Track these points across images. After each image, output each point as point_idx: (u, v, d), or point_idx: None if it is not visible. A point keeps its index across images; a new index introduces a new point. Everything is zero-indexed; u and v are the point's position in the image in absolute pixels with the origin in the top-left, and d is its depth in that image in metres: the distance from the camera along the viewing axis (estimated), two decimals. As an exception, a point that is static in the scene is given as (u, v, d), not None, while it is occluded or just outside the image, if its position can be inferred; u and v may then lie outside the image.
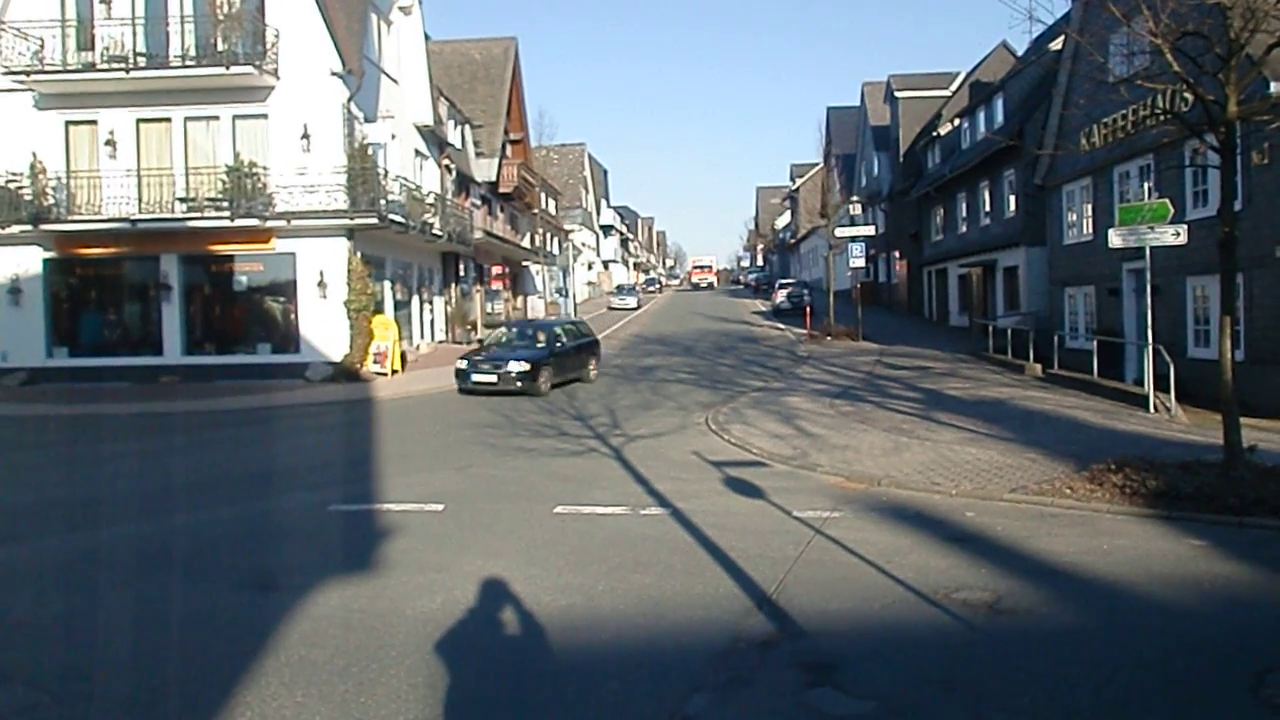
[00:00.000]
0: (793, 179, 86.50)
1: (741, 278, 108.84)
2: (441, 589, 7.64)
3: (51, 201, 24.61)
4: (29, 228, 24.32)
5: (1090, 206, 24.83)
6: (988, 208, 34.79)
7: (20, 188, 24.45)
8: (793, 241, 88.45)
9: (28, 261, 25.50)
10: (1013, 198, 32.05)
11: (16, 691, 5.88)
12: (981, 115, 35.80)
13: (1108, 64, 14.44)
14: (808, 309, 40.20)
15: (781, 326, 42.15)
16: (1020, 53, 39.93)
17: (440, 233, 30.67)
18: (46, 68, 24.21)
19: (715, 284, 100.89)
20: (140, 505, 11.42)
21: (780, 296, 50.67)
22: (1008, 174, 32.17)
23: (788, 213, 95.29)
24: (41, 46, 24.27)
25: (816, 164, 67.07)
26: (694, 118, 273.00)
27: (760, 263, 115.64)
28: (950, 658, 6.36)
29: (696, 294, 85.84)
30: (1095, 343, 21.66)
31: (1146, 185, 21.71)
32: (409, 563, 8.43)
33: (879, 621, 7.02)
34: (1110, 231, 17.78)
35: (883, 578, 7.93)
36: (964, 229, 37.84)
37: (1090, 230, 24.70)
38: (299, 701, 5.62)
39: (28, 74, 24.07)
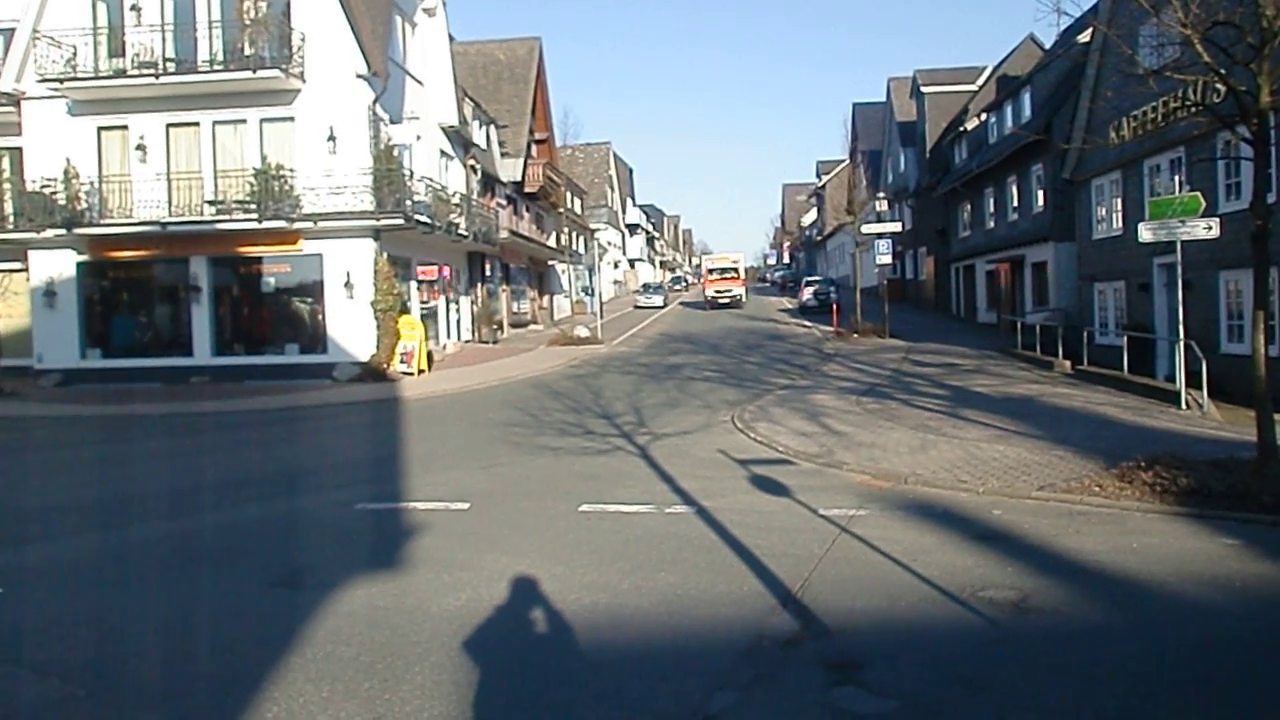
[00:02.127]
0: (819, 176, 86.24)
1: (768, 275, 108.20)
2: (466, 587, 7.67)
3: (85, 206, 24.98)
4: (63, 232, 24.68)
5: (1120, 200, 24.59)
6: (1015, 203, 34.52)
7: (54, 193, 24.83)
8: (819, 239, 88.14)
9: (62, 265, 25.86)
10: (1041, 192, 31.78)
11: (51, 685, 5.99)
12: (1009, 109, 35.53)
13: (1136, 56, 14.22)
14: (834, 306, 40.09)
15: (808, 324, 41.99)
16: (1047, 46, 39.57)
17: (466, 233, 30.79)
18: (79, 75, 24.56)
19: (744, 297, 57.85)
20: (171, 504, 11.56)
21: (806, 294, 50.52)
22: (1036, 169, 31.90)
23: (814, 210, 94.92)
24: (74, 54, 24.63)
25: (843, 160, 66.69)
26: (720, 116, 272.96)
27: (786, 260, 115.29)
28: (976, 656, 6.31)
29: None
30: (1125, 338, 21.44)
31: (1177, 178, 21.46)
32: (434, 561, 8.47)
33: (904, 620, 6.98)
34: (1140, 225, 17.58)
35: (908, 576, 7.88)
36: (992, 225, 37.57)
37: (1120, 225, 24.46)
38: (325, 697, 5.66)
39: (61, 81, 24.45)
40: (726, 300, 55.44)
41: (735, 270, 57.92)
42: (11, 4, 25.84)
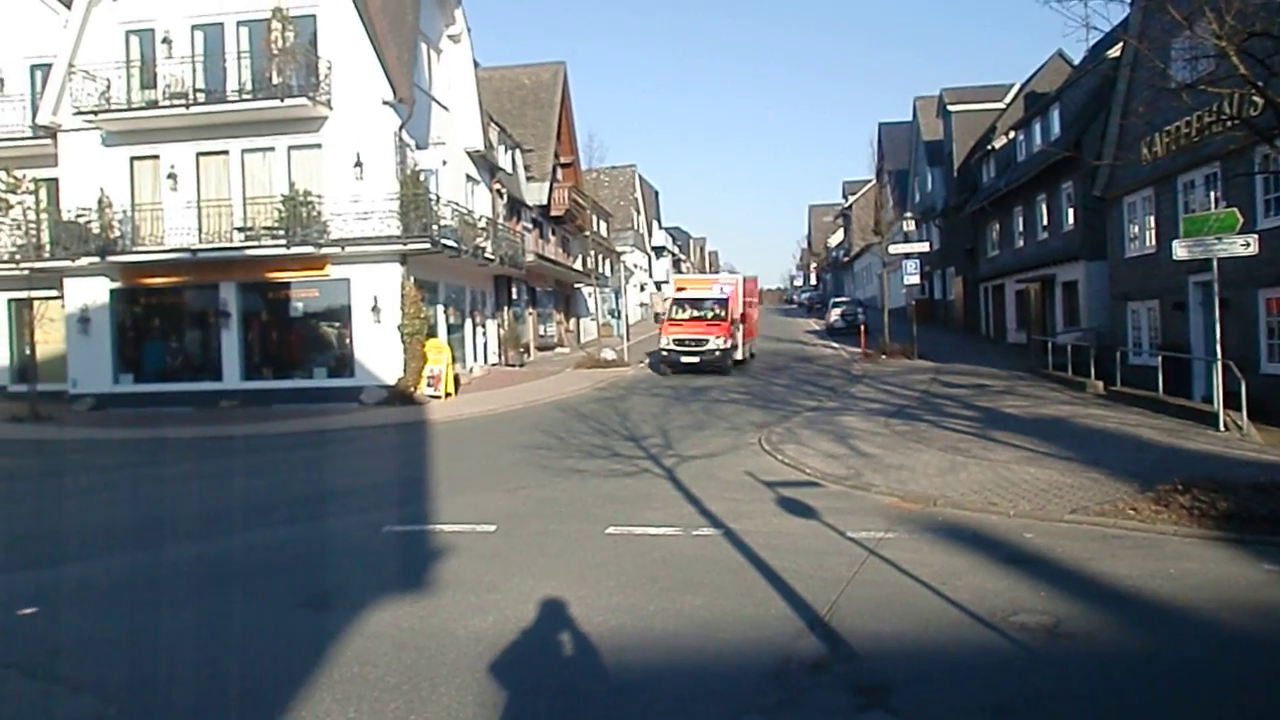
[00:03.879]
0: (845, 196, 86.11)
1: (795, 297, 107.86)
2: (493, 609, 7.63)
3: (117, 234, 25.36)
4: (97, 260, 25.04)
5: (1153, 218, 24.32)
6: (1045, 221, 34.27)
7: (89, 222, 25.25)
8: (846, 259, 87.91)
9: (96, 292, 26.21)
10: (1071, 211, 31.52)
11: (85, 702, 6.08)
12: (1037, 127, 35.32)
13: (1169, 70, 14.06)
14: (862, 327, 39.89)
15: (835, 345, 41.83)
16: (1076, 62, 39.37)
17: (492, 256, 30.92)
18: (113, 107, 25.01)
19: (739, 351, 31.98)
20: (202, 526, 11.64)
21: (834, 315, 50.37)
22: (1065, 186, 31.67)
23: (840, 230, 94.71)
24: (108, 87, 25.09)
25: (869, 181, 66.71)
26: (745, 137, 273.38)
27: (813, 281, 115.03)
28: (1008, 683, 6.19)
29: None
30: (1160, 359, 21.14)
31: (1213, 194, 21.16)
32: (461, 583, 8.45)
33: (934, 644, 6.87)
34: (1175, 243, 17.33)
35: (938, 599, 7.76)
36: (1021, 244, 37.31)
37: (1153, 242, 24.18)
38: (351, 717, 5.66)
39: (95, 113, 24.90)
40: (695, 358, 29.75)
41: (715, 304, 31.39)
42: (49, 41, 26.34)
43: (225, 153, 25.85)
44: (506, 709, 5.75)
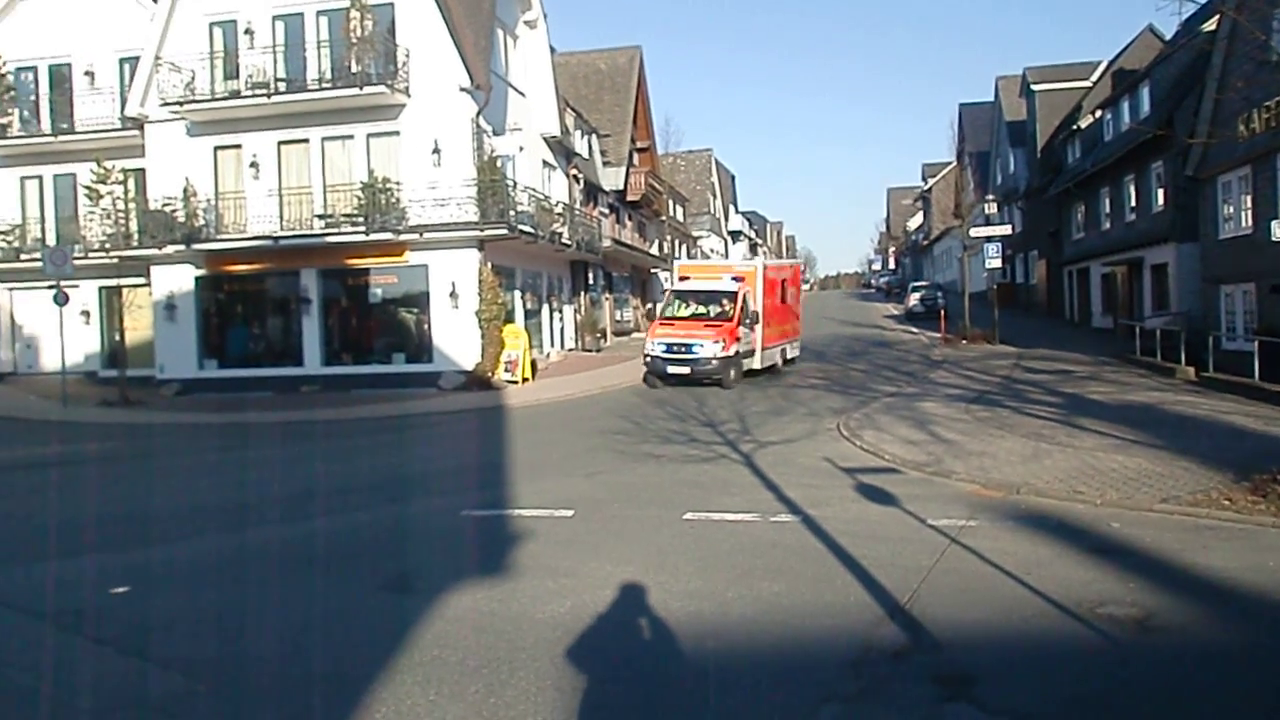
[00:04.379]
0: (925, 179, 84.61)
1: (873, 281, 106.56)
2: (571, 593, 7.67)
3: (202, 222, 25.96)
4: (182, 248, 25.68)
5: (1249, 197, 23.43)
6: (1133, 203, 33.26)
7: (174, 210, 25.88)
8: (925, 243, 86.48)
9: (181, 279, 26.93)
10: (1161, 191, 30.54)
11: (175, 680, 6.22)
12: (1126, 105, 34.25)
13: (1270, 42, 13.49)
14: (942, 312, 39.21)
15: (915, 330, 41.23)
16: (1168, 37, 38.06)
17: (569, 242, 31.06)
18: (197, 97, 25.58)
19: (732, 356, 23.50)
20: (286, 509, 11.89)
21: (913, 299, 49.67)
22: (1155, 166, 30.70)
23: (920, 214, 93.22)
24: (193, 78, 25.68)
25: (949, 163, 65.40)
26: (823, 119, 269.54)
27: (892, 265, 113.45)
28: (1096, 676, 6.03)
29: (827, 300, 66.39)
30: (1257, 344, 20.40)
31: (1315, 172, 20.30)
32: (539, 567, 8.50)
33: (1018, 635, 6.72)
34: (1274, 223, 16.72)
35: (1022, 589, 7.59)
36: (1107, 226, 36.30)
37: (1249, 223, 23.30)
38: (432, 700, 5.71)
39: (181, 104, 25.49)
40: (684, 367, 23.48)
41: (724, 298, 24.86)
42: (136, 34, 27.07)
43: (305, 141, 26.29)
44: (585, 694, 5.76)
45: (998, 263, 34.42)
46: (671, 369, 23.61)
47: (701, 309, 24.84)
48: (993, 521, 9.96)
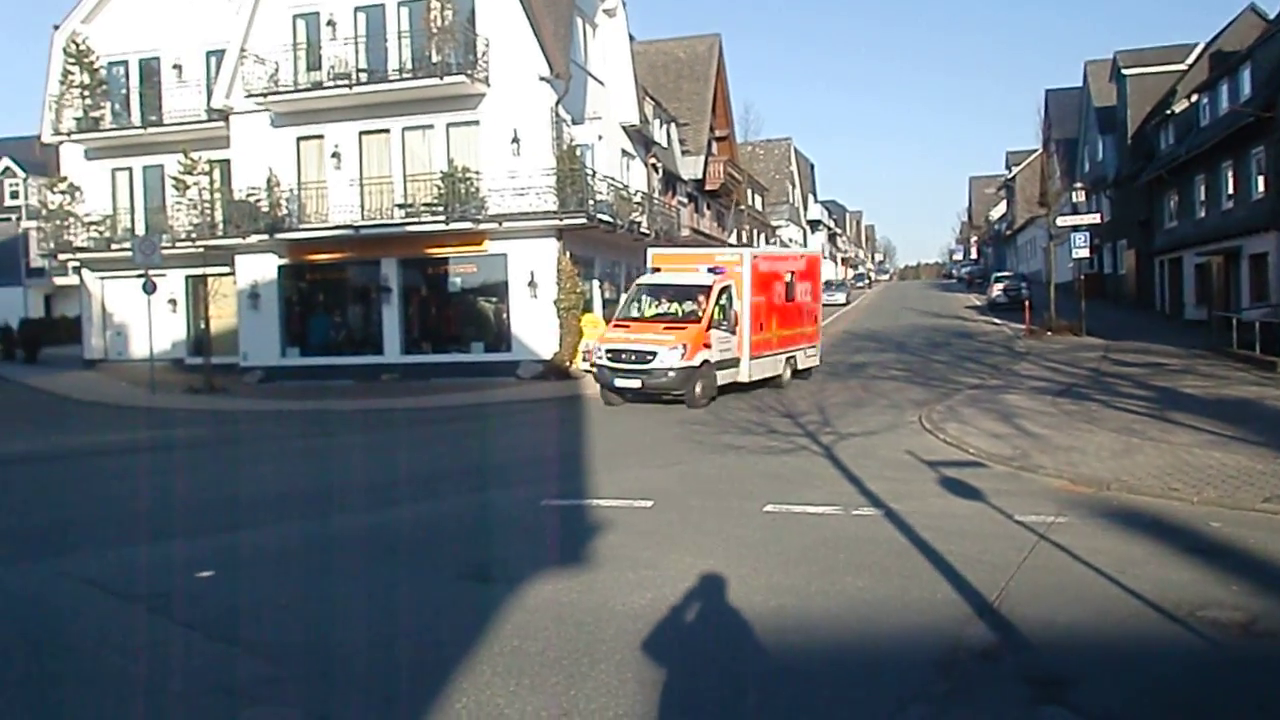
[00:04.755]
0: (1009, 167, 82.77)
1: (954, 271, 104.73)
2: (651, 585, 7.61)
3: (285, 212, 26.46)
4: (265, 237, 26.22)
5: (1355, 184, 22.46)
6: (1231, 190, 32.09)
7: (258, 200, 26.41)
8: (1008, 233, 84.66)
9: (265, 268, 27.49)
10: (1261, 178, 29.40)
11: (260, 665, 6.28)
12: (1225, 88, 33.02)
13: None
14: (1026, 303, 38.36)
15: (998, 321, 40.41)
16: (1271, 16, 36.59)
17: (647, 231, 31.01)
18: (280, 89, 26.04)
19: (698, 367, 18.97)
20: (367, 496, 12.04)
21: (996, 290, 48.85)
22: (1255, 152, 29.56)
23: (1003, 203, 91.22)
24: (276, 70, 26.16)
25: (1034, 150, 63.83)
26: (904, 107, 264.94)
27: (973, 255, 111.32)
28: (1197, 681, 5.78)
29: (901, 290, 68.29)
30: (1362, 336, 19.56)
31: None
32: (618, 558, 8.46)
33: (1114, 637, 6.47)
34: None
35: (1116, 589, 7.32)
36: (1202, 214, 35.11)
37: (1354, 211, 22.33)
38: (512, 690, 5.67)
39: (265, 95, 25.99)
40: (634, 380, 19.16)
41: (699, 294, 20.20)
42: (223, 28, 27.60)
43: (386, 131, 26.62)
44: (666, 688, 5.67)
45: (1085, 252, 33.56)
46: (620, 381, 19.21)
47: (672, 307, 20.42)
48: (1083, 518, 9.65)
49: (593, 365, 20.04)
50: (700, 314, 19.63)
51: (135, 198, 30.86)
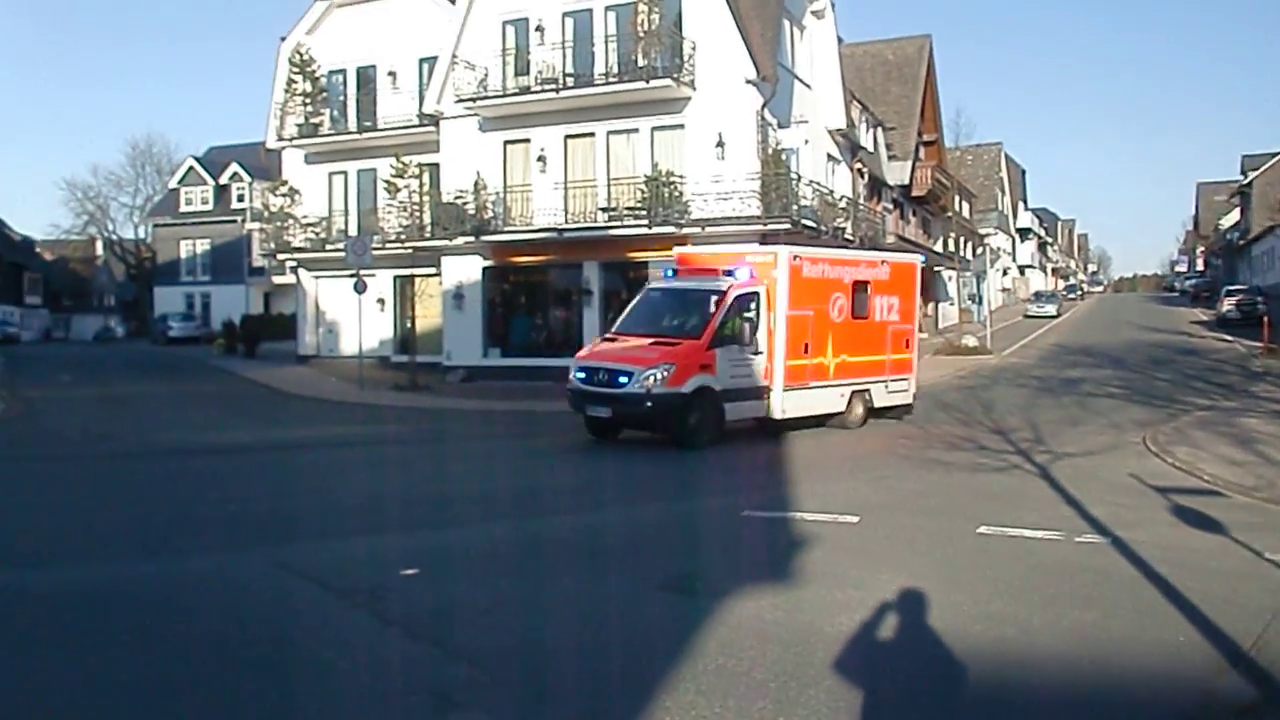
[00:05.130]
0: (1244, 172, 76.62)
1: (1177, 284, 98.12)
2: (861, 606, 7.23)
3: (490, 215, 27.24)
4: (471, 239, 27.07)
5: None
6: None
7: (465, 203, 27.28)
8: (1241, 243, 78.37)
9: (469, 270, 28.40)
10: None
11: (461, 668, 6.21)
12: None
13: None
14: (1264, 319, 35.39)
15: (1229, 338, 37.50)
16: None
17: (851, 237, 30.32)
18: (489, 94, 26.84)
19: (689, 395, 15.24)
20: (571, 499, 12.16)
21: (1228, 304, 45.42)
22: None
23: (1236, 210, 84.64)
24: (485, 75, 26.97)
25: (1275, 153, 58.94)
26: (1125, 108, 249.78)
27: (1200, 267, 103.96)
28: None
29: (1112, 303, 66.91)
30: None
31: None
32: (824, 576, 8.12)
33: (1397, 697, 5.73)
34: None
35: (1399, 643, 6.49)
36: None
37: None
38: (717, 712, 5.38)
39: (474, 100, 26.86)
40: (604, 407, 15.93)
41: (712, 301, 16.17)
42: (435, 37, 28.64)
43: (591, 135, 27.02)
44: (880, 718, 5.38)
45: (1335, 264, 30.61)
46: (590, 409, 16.19)
47: (678, 319, 16.69)
48: (1347, 560, 8.66)
49: (568, 384, 16.74)
50: (698, 331, 15.86)
51: (349, 200, 32.54)
